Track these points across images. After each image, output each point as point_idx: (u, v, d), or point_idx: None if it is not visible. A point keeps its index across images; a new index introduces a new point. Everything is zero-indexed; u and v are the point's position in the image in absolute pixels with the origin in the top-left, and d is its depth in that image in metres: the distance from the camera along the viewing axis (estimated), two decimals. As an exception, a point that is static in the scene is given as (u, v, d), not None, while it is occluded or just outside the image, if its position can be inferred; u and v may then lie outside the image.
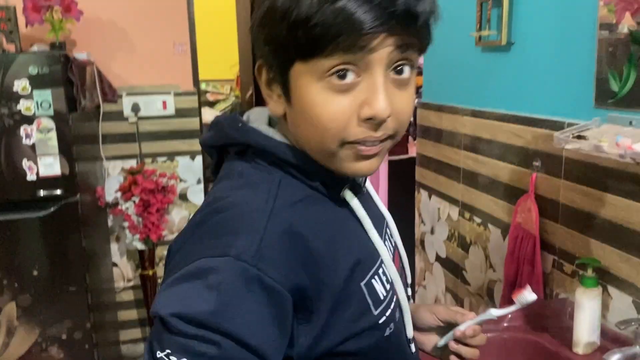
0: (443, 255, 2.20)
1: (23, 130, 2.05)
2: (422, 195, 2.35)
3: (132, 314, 2.85)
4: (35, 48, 2.25)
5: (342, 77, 0.60)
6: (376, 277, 0.70)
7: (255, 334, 0.56)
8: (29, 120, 2.04)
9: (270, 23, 0.61)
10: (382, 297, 0.69)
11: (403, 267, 0.87)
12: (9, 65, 2.01)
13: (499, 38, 1.66)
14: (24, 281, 2.15)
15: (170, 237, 2.71)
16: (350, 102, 0.61)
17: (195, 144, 2.79)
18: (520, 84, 1.65)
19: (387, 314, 0.69)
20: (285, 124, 0.69)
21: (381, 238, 0.75)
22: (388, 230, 0.84)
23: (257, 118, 0.73)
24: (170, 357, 0.54)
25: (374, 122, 0.61)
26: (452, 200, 2.07)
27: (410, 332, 0.76)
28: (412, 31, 0.61)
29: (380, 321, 0.68)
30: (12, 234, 2.12)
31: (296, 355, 0.62)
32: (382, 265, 0.72)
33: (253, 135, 0.68)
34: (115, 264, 2.79)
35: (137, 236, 2.53)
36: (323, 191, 0.69)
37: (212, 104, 5.00)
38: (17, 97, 2.02)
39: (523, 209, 1.59)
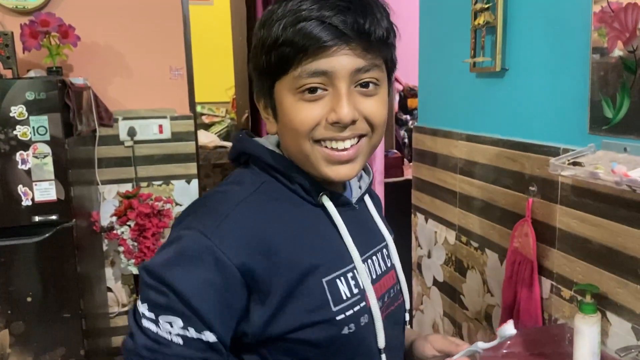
0: (440, 279, 2.19)
1: (19, 155, 2.04)
2: (418, 219, 2.35)
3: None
4: (32, 73, 2.26)
5: (312, 91, 0.72)
6: (342, 278, 0.76)
7: (196, 295, 0.67)
8: (25, 145, 2.04)
9: (254, 55, 0.77)
10: (344, 297, 0.75)
11: (401, 290, 0.90)
12: (5, 91, 2.01)
13: (493, 64, 1.68)
14: (17, 308, 2.12)
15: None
16: (319, 109, 0.73)
17: (191, 168, 2.79)
18: (514, 109, 1.66)
19: (348, 313, 0.75)
20: (279, 139, 0.82)
21: (368, 254, 0.83)
22: (385, 251, 0.89)
23: (268, 137, 0.85)
24: (139, 303, 0.70)
25: (340, 125, 0.73)
26: (449, 224, 2.08)
27: (381, 342, 0.79)
28: (371, 51, 0.72)
29: (338, 318, 0.74)
30: (6, 259, 2.09)
31: (251, 332, 0.72)
32: (354, 271, 0.78)
33: (250, 145, 0.82)
34: (109, 289, 2.76)
35: (132, 261, 2.51)
36: (303, 195, 0.79)
37: (207, 127, 5.01)
38: (13, 123, 2.02)
39: (520, 233, 1.59)
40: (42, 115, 2.04)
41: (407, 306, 0.91)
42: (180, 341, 0.67)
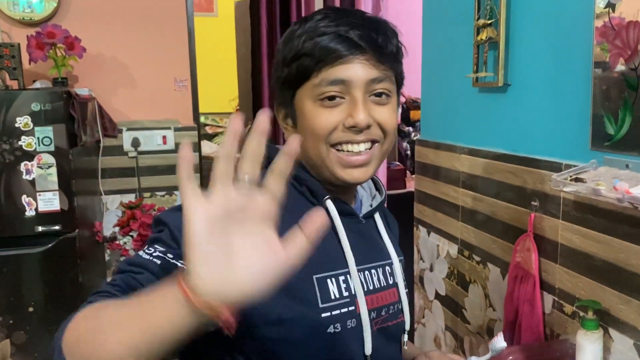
0: (442, 292, 2.19)
1: (24, 166, 2.05)
2: (421, 232, 2.35)
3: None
4: (37, 84, 2.28)
5: (331, 99, 0.80)
6: (333, 279, 0.80)
7: (181, 231, 0.72)
8: (30, 156, 2.05)
9: (276, 70, 0.85)
10: (332, 297, 0.79)
11: (402, 310, 0.91)
12: (11, 102, 2.03)
13: (496, 79, 1.69)
14: (19, 317, 2.12)
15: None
16: (337, 115, 0.80)
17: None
18: (516, 124, 1.67)
19: (334, 313, 0.78)
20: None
21: (368, 265, 0.85)
22: (389, 268, 0.90)
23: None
24: (147, 247, 0.75)
25: (356, 129, 0.80)
26: (451, 238, 2.08)
27: (368, 349, 0.82)
28: (383, 63, 0.80)
29: (323, 315, 0.77)
30: (9, 269, 2.10)
31: None
32: (347, 275, 0.81)
33: (269, 150, 0.82)
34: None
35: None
36: (308, 197, 0.84)
37: (211, 137, 5.03)
38: (18, 133, 2.04)
39: (522, 248, 1.59)
40: (47, 126, 2.06)
41: (407, 327, 0.93)
42: (157, 261, 0.71)
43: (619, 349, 1.28)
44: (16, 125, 2.03)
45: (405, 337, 0.93)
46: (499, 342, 0.81)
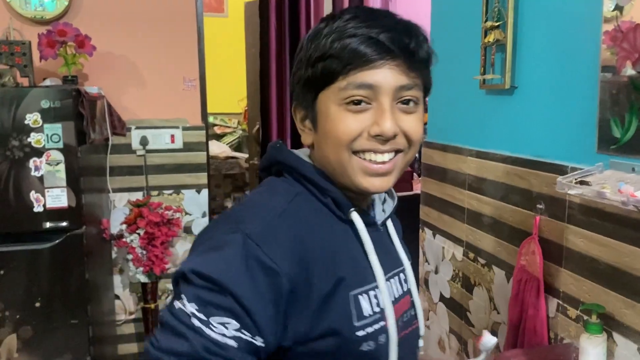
0: (447, 295, 2.18)
1: (32, 162, 2.07)
2: (426, 234, 2.35)
3: (132, 348, 2.82)
4: (47, 82, 2.30)
5: (357, 103, 0.75)
6: (365, 295, 0.77)
7: (250, 298, 0.66)
8: (39, 153, 2.07)
9: (299, 68, 0.80)
10: (366, 314, 0.76)
11: (415, 316, 0.91)
12: (22, 99, 2.05)
13: (503, 82, 1.69)
14: (26, 312, 2.14)
15: (174, 270, 2.70)
16: (362, 121, 0.75)
17: (201, 178, 2.81)
18: (523, 127, 1.67)
19: (369, 331, 0.76)
20: (313, 152, 0.83)
21: (388, 276, 0.83)
22: (402, 275, 0.90)
23: (302, 150, 0.87)
24: (184, 303, 0.66)
25: (382, 139, 0.75)
26: (457, 240, 2.07)
27: None
28: (413, 69, 0.76)
29: (358, 333, 0.74)
30: (16, 264, 2.12)
31: (279, 341, 0.70)
32: (376, 289, 0.79)
33: (286, 155, 0.83)
34: (117, 297, 2.78)
35: (141, 269, 2.53)
36: (333, 209, 0.80)
37: (219, 137, 5.05)
38: (28, 130, 2.06)
39: (527, 251, 1.58)
40: (57, 123, 2.08)
41: (422, 332, 0.92)
42: (234, 344, 0.65)
43: (623, 354, 1.27)
44: (26, 122, 2.05)
45: (421, 343, 0.92)
46: (489, 339, 0.80)
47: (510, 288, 1.66)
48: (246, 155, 4.62)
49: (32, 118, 2.06)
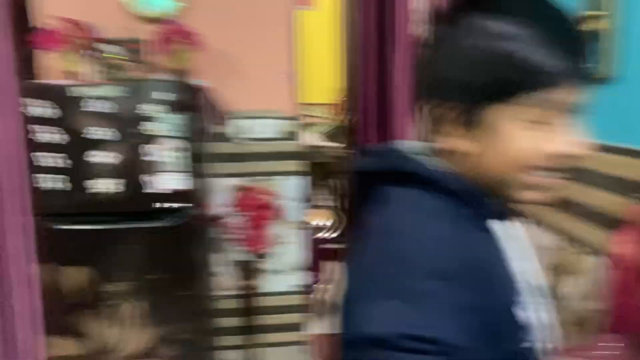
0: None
1: (149, 148, 2.31)
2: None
3: (232, 322, 3.03)
4: (160, 76, 2.52)
5: (545, 124, 0.68)
6: (521, 307, 0.73)
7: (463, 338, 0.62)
8: (155, 140, 2.30)
9: (462, 69, 0.69)
10: (525, 326, 0.73)
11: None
12: (138, 91, 2.28)
13: (602, 71, 1.67)
14: (141, 285, 2.39)
15: (269, 251, 2.87)
16: (545, 141, 0.68)
17: (295, 165, 2.95)
18: (624, 116, 1.64)
19: (527, 343, 0.73)
20: (453, 156, 0.74)
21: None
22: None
23: (417, 151, 0.79)
24: None
25: (564, 158, 0.69)
26: (552, 229, 2.06)
27: None
28: (583, 89, 0.70)
29: (522, 346, 0.72)
30: (135, 241, 2.37)
31: None
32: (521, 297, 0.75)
33: (421, 166, 0.74)
34: (216, 274, 2.99)
35: (240, 248, 2.73)
36: (472, 218, 0.73)
37: (309, 127, 5.21)
38: (144, 119, 2.29)
39: (625, 240, 1.57)
40: (170, 113, 2.29)
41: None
42: None
43: None
44: (142, 113, 2.28)
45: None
46: None
47: (608, 277, 1.65)
48: (335, 145, 4.73)
49: (148, 108, 2.28)
